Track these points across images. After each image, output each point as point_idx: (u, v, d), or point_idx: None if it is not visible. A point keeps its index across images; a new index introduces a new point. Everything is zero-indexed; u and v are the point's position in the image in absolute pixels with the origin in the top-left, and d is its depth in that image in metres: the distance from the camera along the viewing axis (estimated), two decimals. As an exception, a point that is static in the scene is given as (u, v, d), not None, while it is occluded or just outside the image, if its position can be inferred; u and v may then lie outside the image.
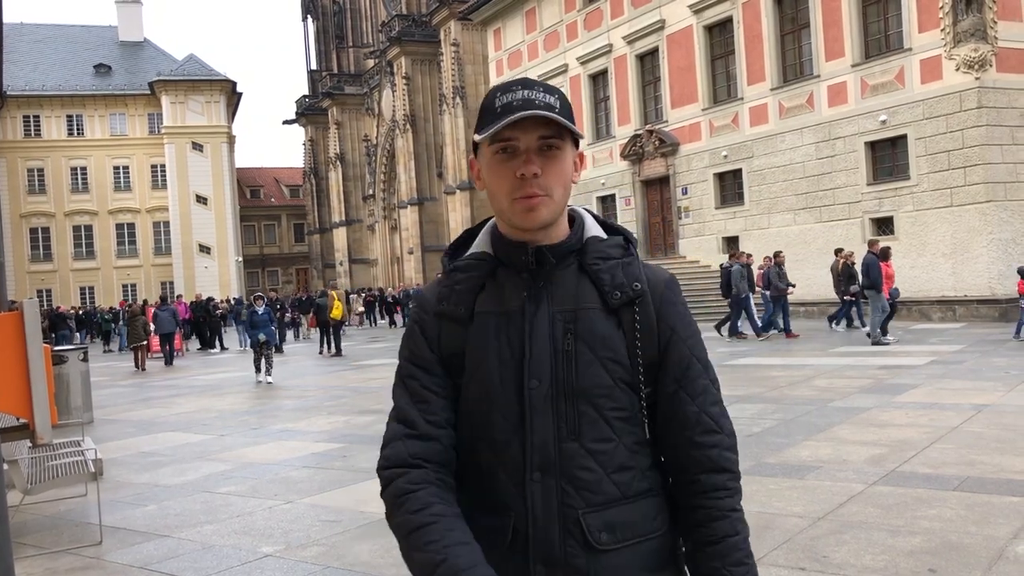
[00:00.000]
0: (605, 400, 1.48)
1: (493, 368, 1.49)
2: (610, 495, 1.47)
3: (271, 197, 74.36)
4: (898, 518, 5.22)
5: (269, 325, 16.53)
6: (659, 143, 27.46)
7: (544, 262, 1.51)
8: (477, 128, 1.50)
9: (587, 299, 1.50)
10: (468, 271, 1.55)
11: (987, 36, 18.81)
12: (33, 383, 4.67)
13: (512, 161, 1.47)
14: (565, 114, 1.47)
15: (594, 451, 1.47)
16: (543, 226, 1.49)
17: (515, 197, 1.47)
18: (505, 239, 1.53)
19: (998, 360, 12.40)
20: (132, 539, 5.93)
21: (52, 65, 56.71)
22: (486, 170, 1.52)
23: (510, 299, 1.51)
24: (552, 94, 1.48)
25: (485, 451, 1.50)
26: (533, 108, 1.43)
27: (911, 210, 20.33)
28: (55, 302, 48.64)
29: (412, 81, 48.39)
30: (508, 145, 1.46)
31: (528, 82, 1.49)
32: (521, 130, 1.45)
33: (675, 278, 1.62)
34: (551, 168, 1.47)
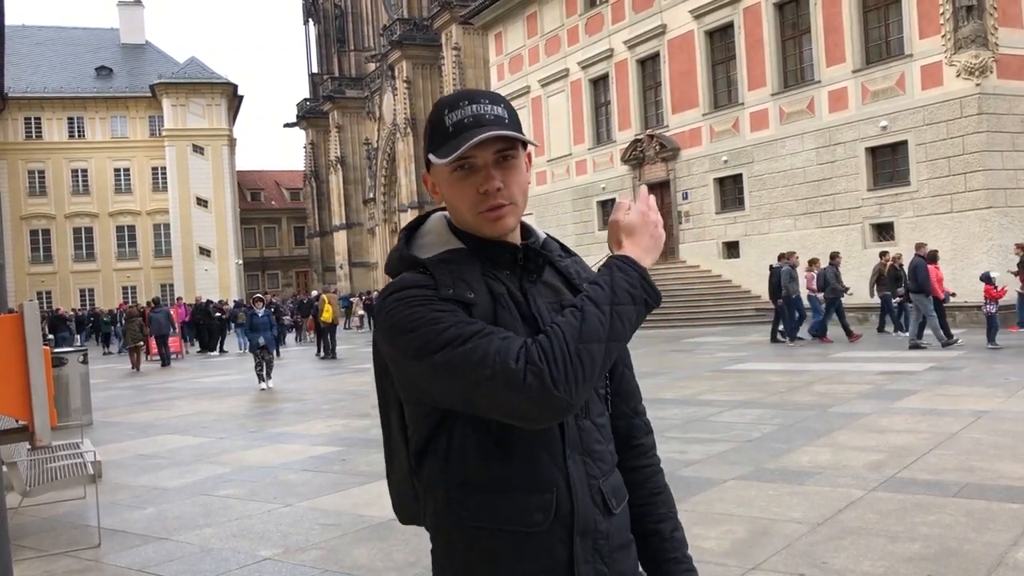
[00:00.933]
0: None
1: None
2: (611, 463, 1.62)
3: (271, 200, 74.39)
4: (898, 524, 5.21)
5: (269, 328, 15.91)
6: (660, 148, 27.49)
7: (533, 259, 1.60)
8: (431, 147, 1.53)
9: (564, 291, 1.62)
10: (462, 263, 1.54)
11: (988, 43, 18.84)
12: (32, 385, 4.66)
13: (472, 177, 1.51)
14: (514, 122, 1.53)
15: (599, 425, 1.61)
16: (511, 231, 1.57)
17: (480, 211, 1.52)
18: (478, 239, 1.57)
19: (998, 366, 12.39)
20: (131, 542, 5.92)
21: (53, 67, 56.77)
22: (445, 186, 1.55)
23: (505, 291, 1.55)
24: (498, 104, 1.53)
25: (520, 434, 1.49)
26: (484, 123, 1.49)
27: (911, 216, 20.34)
28: (55, 304, 48.64)
29: (413, 85, 48.44)
30: (466, 163, 1.51)
31: (473, 95, 1.53)
32: (478, 148, 1.49)
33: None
34: (511, 178, 1.53)
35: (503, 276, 1.56)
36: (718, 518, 5.53)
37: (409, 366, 1.49)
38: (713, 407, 10.10)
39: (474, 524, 1.52)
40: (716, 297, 24.95)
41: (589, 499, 1.53)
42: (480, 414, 1.47)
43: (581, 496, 1.52)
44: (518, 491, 1.50)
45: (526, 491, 1.50)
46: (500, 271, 1.56)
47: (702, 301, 24.92)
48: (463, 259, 1.55)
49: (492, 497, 1.51)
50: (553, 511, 1.50)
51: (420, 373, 1.47)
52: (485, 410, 1.44)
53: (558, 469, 1.51)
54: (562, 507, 1.51)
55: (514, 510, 1.50)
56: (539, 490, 1.50)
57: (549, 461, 1.51)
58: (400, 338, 1.48)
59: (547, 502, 1.50)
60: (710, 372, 13.61)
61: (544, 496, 1.50)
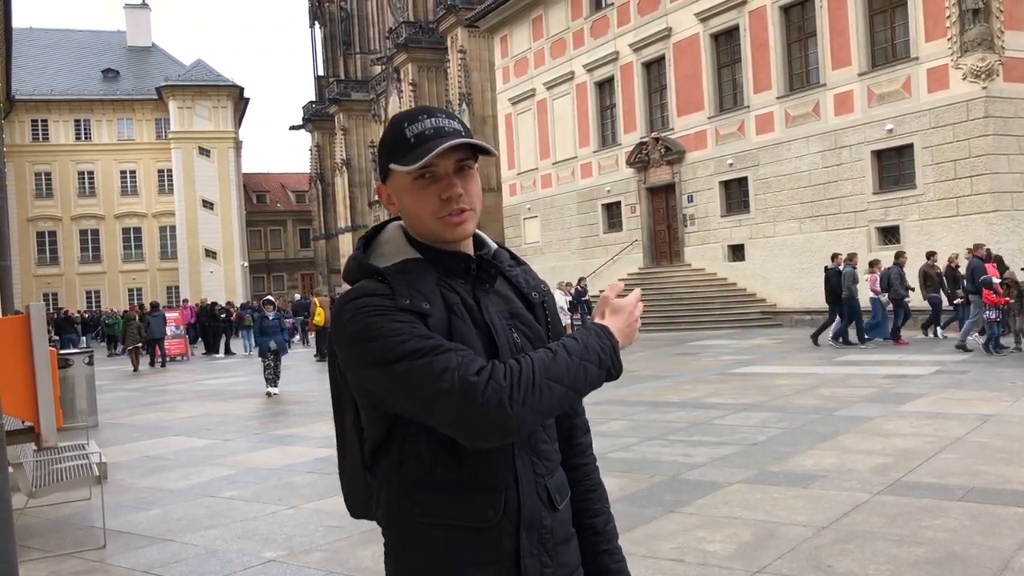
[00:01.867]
0: None
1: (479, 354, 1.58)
2: (556, 461, 1.72)
3: (277, 202, 74.49)
4: (903, 528, 5.20)
5: (280, 332, 15.11)
6: (665, 151, 27.47)
7: (488, 269, 1.68)
8: (392, 157, 1.61)
9: (514, 299, 1.72)
10: (418, 272, 1.62)
11: (994, 46, 18.81)
12: (39, 386, 4.68)
13: (434, 185, 1.60)
14: (469, 136, 1.63)
15: (547, 426, 1.70)
16: (469, 237, 1.68)
17: (442, 216, 1.61)
18: (435, 249, 1.65)
19: (1004, 370, 12.35)
20: (136, 543, 5.93)
21: (60, 70, 56.94)
22: (405, 194, 1.63)
23: (465, 302, 1.64)
24: (454, 120, 1.64)
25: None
26: (444, 134, 1.58)
27: (917, 219, 20.31)
28: (61, 306, 48.77)
29: (419, 88, 48.50)
30: (429, 171, 1.59)
31: (430, 110, 1.65)
32: (440, 156, 1.58)
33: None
34: (470, 186, 1.63)
35: (457, 285, 1.64)
36: (723, 521, 5.52)
37: (367, 373, 1.55)
38: (718, 410, 10.09)
39: (426, 520, 1.60)
40: (721, 300, 24.93)
41: (535, 496, 1.63)
42: (428, 423, 1.53)
43: (528, 493, 1.62)
44: (470, 489, 1.59)
45: (478, 489, 1.60)
46: (455, 280, 1.65)
47: (707, 304, 24.90)
48: (419, 269, 1.63)
49: (445, 495, 1.60)
50: (502, 507, 1.60)
51: (378, 381, 1.54)
52: (435, 421, 1.51)
53: (508, 468, 1.61)
54: (510, 503, 1.60)
55: (466, 507, 1.59)
56: (490, 488, 1.60)
57: (500, 461, 1.60)
58: (359, 346, 1.54)
59: (497, 499, 1.60)
60: (715, 375, 13.59)
61: (495, 494, 1.60)
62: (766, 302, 24.10)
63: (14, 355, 4.62)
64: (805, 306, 22.60)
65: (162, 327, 24.42)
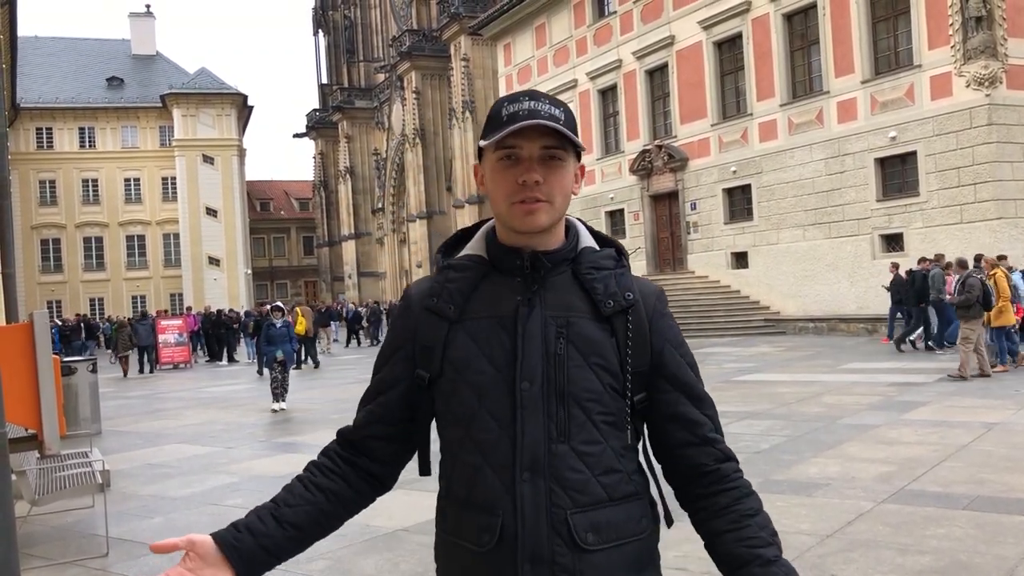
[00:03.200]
0: (594, 404, 1.51)
1: (484, 370, 1.52)
2: (597, 496, 1.50)
3: (281, 210, 74.61)
4: (907, 537, 5.18)
5: (288, 341, 13.97)
6: (668, 158, 27.49)
7: (539, 267, 1.55)
8: (484, 134, 1.55)
9: (579, 306, 1.55)
10: (462, 271, 1.60)
11: (997, 53, 18.81)
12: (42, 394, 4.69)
13: (515, 168, 1.52)
14: (569, 127, 1.52)
15: (582, 453, 1.50)
16: (541, 230, 1.54)
17: (514, 201, 1.52)
18: (500, 244, 1.59)
19: (1008, 378, 12.32)
20: (138, 551, 5.93)
21: (65, 78, 57.13)
22: (489, 175, 1.57)
23: (504, 303, 1.55)
24: (558, 107, 1.53)
25: (472, 451, 1.53)
26: (538, 118, 1.48)
27: (921, 227, 20.29)
28: (65, 313, 48.83)
29: (422, 95, 48.59)
30: (512, 152, 1.51)
31: (535, 94, 1.53)
32: (525, 139, 1.50)
33: (663, 291, 1.67)
34: (552, 177, 1.52)
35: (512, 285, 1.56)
36: (726, 530, 5.50)
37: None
38: (722, 418, 10.02)
39: (444, 534, 1.61)
40: (724, 307, 24.91)
41: (545, 527, 1.47)
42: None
43: (531, 522, 1.47)
44: (472, 510, 1.53)
45: (478, 511, 1.52)
46: (511, 279, 1.56)
47: (710, 311, 24.87)
48: (473, 266, 1.59)
49: (456, 511, 1.57)
50: (497, 534, 1.48)
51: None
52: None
53: (505, 493, 1.49)
54: (507, 530, 1.48)
55: (468, 527, 1.53)
56: (487, 511, 1.50)
57: (497, 482, 1.49)
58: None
59: (493, 524, 1.49)
60: (719, 383, 13.57)
61: (491, 518, 1.49)
62: (769, 309, 24.07)
63: (17, 363, 4.62)
64: (809, 313, 22.58)
65: (149, 335, 25.53)
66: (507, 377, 1.51)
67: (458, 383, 1.54)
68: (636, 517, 1.55)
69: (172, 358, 26.80)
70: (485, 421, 1.52)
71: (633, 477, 1.57)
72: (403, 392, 1.62)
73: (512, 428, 1.50)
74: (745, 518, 1.53)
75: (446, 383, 1.56)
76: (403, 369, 1.61)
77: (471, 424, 1.53)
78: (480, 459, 1.52)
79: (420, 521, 6.11)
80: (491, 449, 1.51)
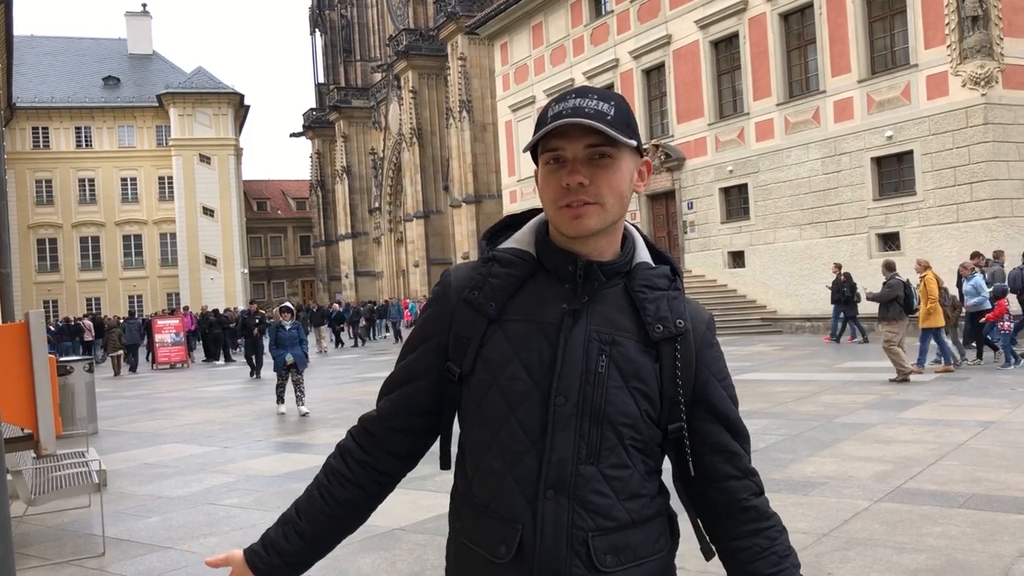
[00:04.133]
0: (628, 429, 1.46)
1: (519, 376, 1.46)
2: (620, 521, 1.46)
3: (277, 209, 74.56)
4: (904, 535, 5.19)
5: (299, 344, 13.22)
6: (665, 157, 27.49)
7: (592, 278, 1.48)
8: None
9: (627, 325, 1.48)
10: (508, 266, 1.52)
11: (993, 53, 18.83)
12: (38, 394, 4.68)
13: (560, 170, 1.44)
14: (620, 121, 1.43)
15: (610, 477, 1.45)
16: (591, 234, 1.46)
17: (560, 205, 1.45)
18: (552, 244, 1.51)
19: (1004, 377, 12.35)
20: (135, 551, 5.92)
21: (61, 77, 57.03)
22: (540, 177, 1.50)
23: (548, 309, 1.48)
24: (607, 101, 1.44)
25: (498, 458, 1.48)
26: (581, 116, 1.41)
27: (917, 226, 20.31)
28: (61, 313, 48.75)
29: (419, 95, 48.56)
30: (556, 155, 1.45)
31: (584, 90, 1.47)
32: (567, 139, 1.43)
33: (713, 318, 1.62)
34: (601, 177, 1.44)
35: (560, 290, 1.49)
36: (723, 529, 5.50)
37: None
38: (718, 417, 10.06)
39: (459, 537, 1.57)
40: (721, 307, 24.90)
41: (564, 547, 1.42)
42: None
43: (550, 541, 1.42)
44: (491, 518, 1.48)
45: (497, 520, 1.47)
46: (559, 284, 1.49)
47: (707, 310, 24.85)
48: (519, 262, 1.52)
49: (474, 516, 1.52)
50: (515, 547, 1.44)
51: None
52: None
53: (526, 507, 1.44)
54: (525, 546, 1.43)
55: (485, 535, 1.49)
56: (506, 522, 1.46)
57: (520, 496, 1.45)
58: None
59: (511, 536, 1.45)
60: (715, 382, 13.55)
61: (510, 530, 1.45)
62: (766, 308, 24.10)
63: (13, 362, 4.62)
64: (805, 312, 22.61)
65: (135, 334, 26.76)
66: (542, 389, 1.45)
67: (491, 386, 1.48)
68: (655, 537, 1.51)
69: (169, 358, 26.79)
70: (514, 431, 1.46)
71: (656, 499, 1.53)
72: (432, 383, 1.56)
73: (541, 442, 1.44)
74: (783, 560, 1.53)
75: (478, 384, 1.50)
76: (434, 359, 1.56)
77: (499, 431, 1.47)
78: (504, 468, 1.47)
79: (417, 520, 6.11)
80: (517, 460, 1.46)
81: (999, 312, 13.53)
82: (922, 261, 14.06)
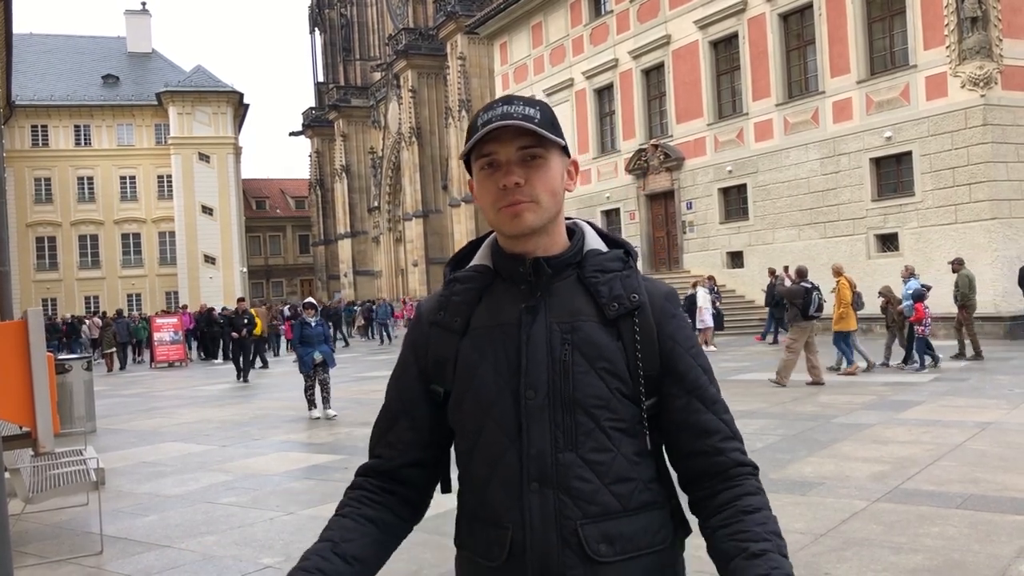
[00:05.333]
0: (602, 411, 1.46)
1: (488, 380, 1.49)
2: (608, 506, 1.45)
3: (276, 208, 74.52)
4: (901, 535, 5.20)
5: (324, 342, 12.47)
6: (664, 157, 27.50)
7: (541, 273, 1.51)
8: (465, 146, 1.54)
9: (584, 311, 1.50)
10: (466, 283, 1.58)
11: (992, 54, 18.84)
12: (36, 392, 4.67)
13: (496, 174, 1.49)
14: (546, 124, 1.48)
15: (591, 461, 1.45)
16: (531, 231, 1.50)
17: (499, 206, 1.49)
18: (503, 252, 1.56)
19: (1002, 377, 12.36)
20: (133, 549, 5.92)
21: (60, 75, 56.97)
22: (476, 185, 1.55)
23: (507, 311, 1.52)
24: (532, 106, 1.50)
25: (480, 463, 1.51)
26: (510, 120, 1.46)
27: (916, 226, 20.32)
28: (60, 311, 48.73)
29: (418, 94, 48.56)
30: (491, 159, 1.49)
31: (509, 98, 1.52)
32: (499, 143, 1.48)
33: (674, 291, 1.62)
34: (535, 177, 1.48)
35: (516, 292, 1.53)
36: (721, 528, 5.51)
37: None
38: (716, 417, 10.06)
39: (462, 549, 1.59)
40: (721, 307, 24.90)
41: (554, 539, 1.42)
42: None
43: (539, 534, 1.43)
44: (482, 522, 1.51)
45: (488, 523, 1.49)
46: (515, 287, 1.53)
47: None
48: (478, 276, 1.58)
49: (469, 524, 1.56)
50: (507, 547, 1.45)
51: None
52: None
53: (513, 504, 1.45)
54: (516, 544, 1.44)
55: (480, 542, 1.51)
56: (495, 524, 1.48)
57: (504, 494, 1.46)
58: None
59: (503, 537, 1.46)
60: (714, 382, 13.56)
61: (500, 531, 1.46)
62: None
63: (11, 360, 4.61)
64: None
65: (124, 332, 28.03)
66: (512, 387, 1.48)
67: (465, 395, 1.52)
68: (654, 528, 1.49)
69: (167, 356, 26.79)
70: (492, 432, 1.49)
71: (650, 485, 1.50)
72: (427, 411, 1.58)
73: (519, 439, 1.46)
74: (741, 514, 1.45)
75: (455, 396, 1.54)
76: (420, 387, 1.59)
77: (479, 436, 1.51)
78: (488, 471, 1.49)
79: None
80: (498, 461, 1.48)
81: (918, 316, 13.77)
82: (836, 267, 14.58)
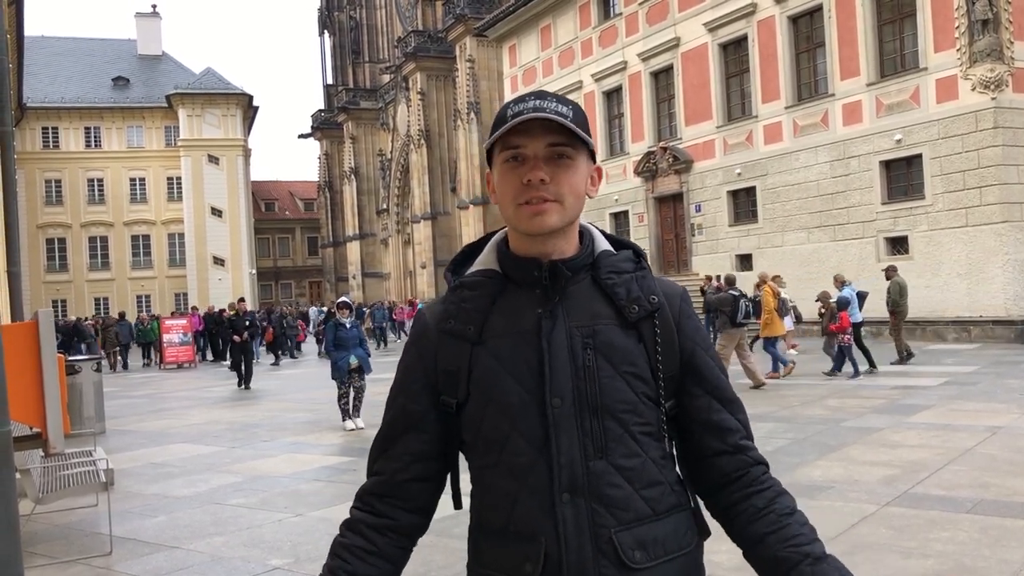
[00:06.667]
0: (630, 416, 1.44)
1: (511, 390, 1.44)
2: (640, 512, 1.43)
3: (285, 210, 74.71)
4: (911, 540, 5.17)
5: (359, 345, 11.53)
6: (673, 160, 27.47)
7: (559, 276, 1.47)
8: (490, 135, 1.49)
9: (604, 314, 1.47)
10: (476, 288, 1.52)
11: (1003, 56, 18.76)
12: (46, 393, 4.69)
13: (520, 168, 1.44)
14: (578, 123, 1.44)
15: (622, 467, 1.43)
16: (551, 231, 1.46)
17: (520, 202, 1.44)
18: (514, 255, 1.51)
19: (1013, 381, 12.29)
20: (142, 550, 5.94)
21: (71, 77, 57.25)
22: (496, 178, 1.49)
23: (524, 317, 1.47)
24: (565, 104, 1.45)
25: (507, 476, 1.45)
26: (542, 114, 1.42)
27: (926, 230, 20.24)
28: (70, 313, 48.92)
29: (427, 96, 48.62)
30: (517, 153, 1.44)
31: (542, 94, 1.47)
32: (529, 137, 1.43)
33: (687, 291, 1.60)
34: (561, 176, 1.44)
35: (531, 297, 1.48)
36: (729, 532, 5.49)
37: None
38: (725, 420, 10.03)
39: (481, 567, 1.51)
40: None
41: (590, 549, 1.39)
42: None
43: (574, 546, 1.39)
44: (510, 539, 1.45)
45: (517, 539, 1.44)
46: (530, 291, 1.48)
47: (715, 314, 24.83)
48: (489, 283, 1.52)
49: (492, 542, 1.49)
50: (541, 562, 1.40)
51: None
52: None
53: (546, 515, 1.41)
54: (551, 558, 1.40)
55: (507, 559, 1.45)
56: (527, 538, 1.42)
57: (535, 507, 1.42)
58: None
59: (535, 551, 1.41)
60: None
61: (533, 545, 1.42)
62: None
63: (22, 361, 4.63)
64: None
65: (126, 334, 28.91)
66: (537, 396, 1.43)
67: (487, 407, 1.46)
68: (682, 530, 1.48)
69: (177, 358, 26.89)
70: (518, 444, 1.44)
71: (675, 488, 1.50)
72: (434, 424, 1.52)
73: (547, 449, 1.42)
74: (784, 517, 1.47)
75: (474, 408, 1.48)
76: (428, 399, 1.52)
77: (504, 448, 1.45)
78: (516, 485, 1.44)
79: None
80: (527, 473, 1.43)
81: (841, 325, 13.99)
82: (762, 275, 14.97)
